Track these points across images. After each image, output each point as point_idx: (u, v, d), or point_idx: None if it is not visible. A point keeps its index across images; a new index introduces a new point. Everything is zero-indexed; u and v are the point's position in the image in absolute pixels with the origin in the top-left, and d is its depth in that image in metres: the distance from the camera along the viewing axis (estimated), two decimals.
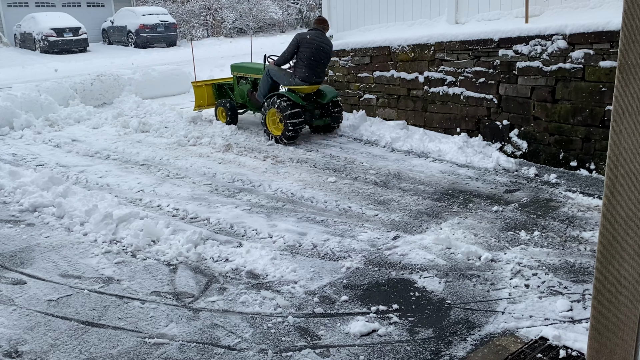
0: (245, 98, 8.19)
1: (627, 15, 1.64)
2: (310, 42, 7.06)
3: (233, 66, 8.40)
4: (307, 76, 7.16)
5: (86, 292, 3.60)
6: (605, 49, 5.56)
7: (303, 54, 7.08)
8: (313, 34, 7.17)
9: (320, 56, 7.15)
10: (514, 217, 4.75)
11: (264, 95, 7.55)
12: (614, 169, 1.75)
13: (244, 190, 5.61)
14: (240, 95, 8.27)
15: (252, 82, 8.11)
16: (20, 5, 25.55)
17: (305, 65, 7.10)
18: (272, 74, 7.43)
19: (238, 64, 8.39)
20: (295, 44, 7.11)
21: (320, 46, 7.11)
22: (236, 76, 8.37)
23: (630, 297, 1.81)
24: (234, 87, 8.45)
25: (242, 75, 8.23)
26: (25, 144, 7.77)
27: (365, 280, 3.71)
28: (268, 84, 7.51)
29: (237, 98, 8.36)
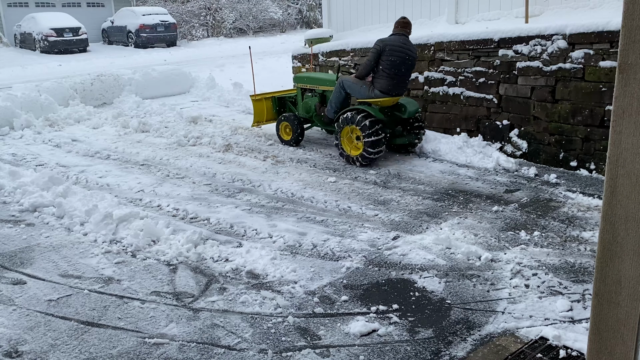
0: (311, 112, 7.25)
1: (627, 15, 1.64)
2: (395, 50, 6.08)
3: (297, 77, 7.46)
4: (389, 87, 6.16)
5: (86, 292, 3.60)
6: (605, 49, 5.56)
7: (385, 62, 6.09)
8: (397, 39, 6.15)
9: (405, 65, 6.16)
10: (514, 217, 4.75)
11: (335, 109, 6.66)
12: (614, 169, 1.75)
13: (244, 190, 5.61)
14: (305, 109, 7.30)
15: (320, 94, 7.15)
16: (20, 5, 25.55)
17: (387, 75, 6.11)
18: (347, 86, 6.48)
19: (303, 75, 7.43)
20: (377, 52, 6.14)
21: (406, 54, 6.13)
22: (300, 88, 7.42)
23: (630, 297, 1.81)
24: (298, 100, 7.51)
25: (308, 87, 7.29)
26: (25, 144, 7.77)
27: (365, 280, 3.71)
28: (341, 97, 6.60)
29: (301, 112, 7.38)
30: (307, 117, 7.31)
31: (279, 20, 30.78)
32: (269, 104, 7.71)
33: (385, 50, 6.08)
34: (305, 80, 7.30)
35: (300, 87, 7.41)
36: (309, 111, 7.26)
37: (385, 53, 6.09)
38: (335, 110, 6.66)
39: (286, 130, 7.30)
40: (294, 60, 10.05)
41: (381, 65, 6.13)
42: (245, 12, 29.08)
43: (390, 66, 6.09)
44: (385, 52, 6.09)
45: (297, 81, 7.44)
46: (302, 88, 7.41)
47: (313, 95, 7.26)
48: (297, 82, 7.44)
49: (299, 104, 7.44)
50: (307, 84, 7.27)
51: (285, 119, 7.25)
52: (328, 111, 6.76)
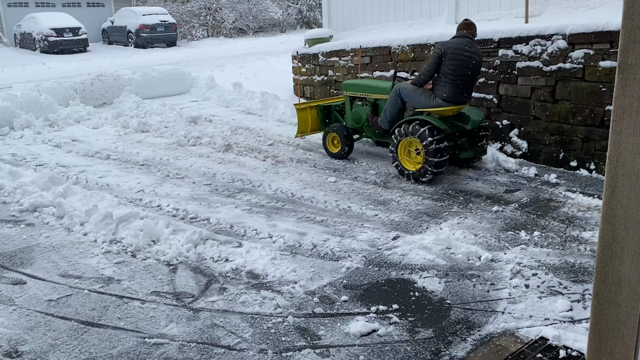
0: (361, 123, 6.62)
1: (627, 15, 1.64)
2: (458, 53, 5.44)
3: (347, 84, 6.76)
4: (452, 95, 5.52)
5: (86, 292, 3.60)
6: (605, 49, 5.56)
7: (449, 67, 5.47)
8: (461, 42, 5.52)
9: (470, 70, 5.52)
10: (514, 217, 4.75)
11: (390, 119, 6.06)
12: (614, 169, 1.75)
13: (244, 190, 5.61)
14: (355, 119, 6.67)
15: (372, 103, 6.50)
16: (20, 5, 25.55)
17: (450, 81, 5.48)
18: (404, 94, 5.86)
19: (354, 82, 6.75)
20: (438, 56, 5.51)
21: (471, 57, 5.49)
22: (350, 96, 6.76)
23: (630, 297, 1.81)
24: (346, 109, 6.87)
25: (358, 95, 6.63)
26: (25, 144, 7.77)
27: (365, 280, 3.71)
28: (397, 107, 5.99)
29: (350, 122, 6.78)
30: (357, 127, 6.72)
31: (279, 20, 30.77)
32: (314, 113, 7.15)
33: (448, 53, 5.46)
34: (356, 88, 6.64)
35: (349, 95, 6.75)
36: (359, 121, 6.64)
37: (448, 57, 5.46)
38: (389, 121, 6.06)
39: (334, 142, 6.72)
40: (294, 60, 10.05)
41: (443, 70, 5.52)
42: (245, 12, 29.07)
43: (453, 71, 5.46)
44: (448, 55, 5.46)
45: (347, 89, 6.75)
46: (352, 96, 6.75)
47: (364, 104, 6.63)
48: (346, 90, 6.75)
49: (348, 114, 6.84)
50: (358, 92, 6.61)
51: (333, 129, 6.67)
52: (382, 121, 6.14)
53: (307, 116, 7.10)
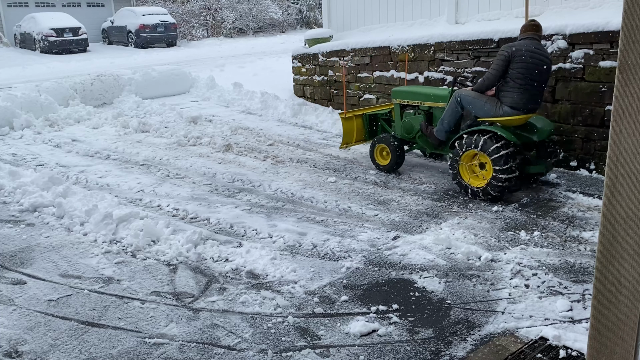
0: (413, 133, 6.03)
1: (627, 15, 1.64)
2: (527, 56, 4.97)
3: (398, 91, 6.19)
4: (521, 102, 5.03)
5: (86, 292, 3.60)
6: (605, 49, 5.56)
7: (517, 72, 4.98)
8: (528, 44, 5.03)
9: (540, 75, 5.04)
10: (514, 217, 4.75)
11: (448, 130, 5.55)
12: (614, 169, 1.75)
13: (244, 190, 5.61)
14: (406, 129, 6.09)
15: (426, 111, 5.96)
16: (20, 5, 25.55)
17: (519, 87, 5.00)
18: (466, 102, 5.32)
19: (405, 89, 6.17)
20: (505, 60, 5.03)
21: (541, 60, 5.02)
22: (400, 104, 6.19)
23: (630, 297, 1.81)
24: (395, 118, 6.30)
25: (410, 102, 6.06)
26: (25, 144, 7.77)
27: (365, 280, 3.71)
28: (457, 116, 5.48)
29: (400, 132, 6.20)
30: (408, 138, 6.14)
31: (279, 20, 30.77)
32: (359, 123, 6.63)
33: (516, 57, 4.98)
34: (408, 95, 6.07)
35: (399, 103, 6.18)
36: (411, 131, 6.05)
37: (516, 60, 4.99)
38: (447, 131, 5.55)
39: (382, 154, 6.20)
40: (294, 60, 10.05)
41: (510, 75, 5.03)
42: (245, 12, 29.07)
43: (522, 76, 4.97)
44: (516, 59, 4.98)
45: (397, 96, 6.18)
46: (402, 104, 6.19)
47: (416, 112, 6.04)
48: (396, 97, 6.19)
49: (397, 123, 6.26)
50: (410, 100, 6.05)
51: (382, 140, 6.14)
52: (438, 132, 5.61)
53: (352, 126, 6.57)
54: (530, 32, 5.16)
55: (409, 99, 6.07)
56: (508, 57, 5.02)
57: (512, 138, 4.99)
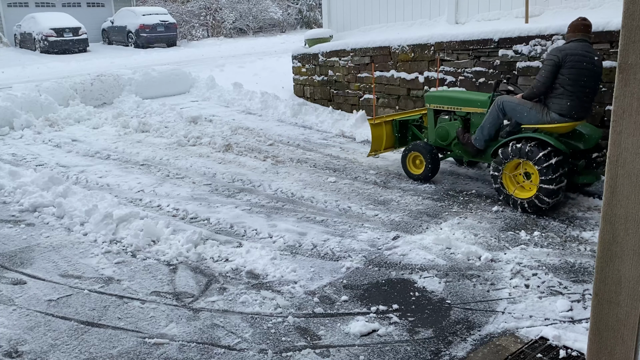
0: (448, 140, 5.71)
1: (627, 15, 1.64)
2: (579, 60, 4.66)
3: (432, 96, 5.86)
4: (571, 109, 4.71)
5: (86, 292, 3.60)
6: (605, 49, 5.56)
7: (567, 77, 4.67)
8: (579, 47, 4.72)
9: (591, 80, 4.74)
10: (514, 217, 4.75)
11: (488, 137, 5.24)
12: (614, 169, 1.75)
13: (244, 190, 5.61)
14: (441, 135, 5.76)
15: (463, 117, 5.63)
16: (20, 5, 25.54)
17: (569, 93, 4.69)
18: (510, 109, 5.00)
19: (440, 93, 5.86)
20: (554, 64, 4.69)
21: (593, 65, 4.72)
22: (434, 109, 5.88)
23: (630, 297, 1.81)
24: (429, 124, 5.97)
25: (445, 108, 5.73)
26: (25, 144, 7.77)
27: (365, 280, 3.71)
28: (498, 123, 5.18)
29: (433, 139, 5.89)
30: (442, 145, 5.81)
31: (279, 20, 30.77)
32: (389, 129, 6.27)
33: (566, 62, 4.66)
34: (443, 100, 5.74)
35: (433, 108, 5.86)
36: (445, 138, 5.73)
37: (566, 65, 4.67)
38: (487, 139, 5.25)
39: (415, 163, 5.84)
40: (294, 60, 10.05)
41: (560, 81, 4.72)
42: (245, 12, 29.07)
43: (573, 82, 4.67)
44: (566, 64, 4.67)
45: (431, 101, 5.86)
46: (436, 109, 5.87)
47: (452, 118, 5.72)
48: (430, 102, 5.86)
49: (431, 129, 5.93)
50: (445, 105, 5.72)
51: (415, 148, 5.77)
52: (477, 139, 5.30)
53: (382, 132, 6.20)
54: (580, 33, 4.81)
55: (444, 104, 5.74)
56: (558, 62, 4.69)
57: (560, 146, 4.67)
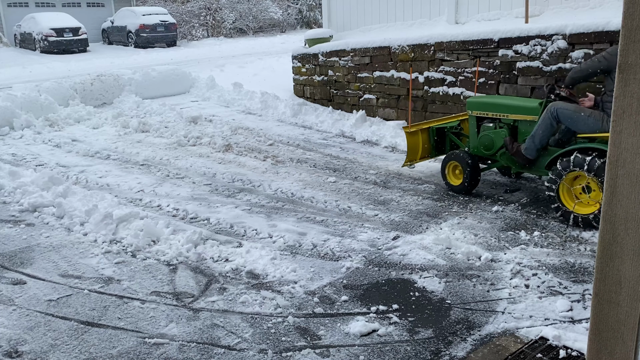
0: (493, 149, 5.28)
1: (627, 15, 1.64)
2: None
3: (475, 102, 5.44)
4: None
5: (86, 292, 3.60)
6: (605, 49, 5.56)
7: None
8: None
9: None
10: (514, 217, 4.75)
11: (539, 147, 4.83)
12: (614, 169, 1.75)
13: (244, 190, 5.61)
14: (484, 144, 5.32)
15: (510, 125, 5.19)
16: (20, 5, 25.54)
17: None
18: (564, 116, 4.60)
19: (485, 99, 5.48)
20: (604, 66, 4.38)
21: None
22: (476, 116, 5.43)
23: (630, 297, 1.81)
24: (470, 132, 5.54)
25: (490, 115, 5.30)
26: (25, 144, 7.77)
27: (365, 280, 3.71)
28: (551, 131, 4.77)
29: (475, 148, 5.45)
30: (486, 155, 5.38)
31: (279, 20, 30.76)
32: (425, 137, 5.83)
33: None
34: (487, 107, 5.31)
35: (475, 115, 5.43)
36: (490, 147, 5.29)
37: None
38: (539, 148, 4.84)
39: (455, 173, 5.46)
40: (294, 60, 10.05)
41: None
42: (245, 12, 29.06)
43: None
44: None
45: (473, 107, 5.43)
46: (479, 116, 5.42)
47: (497, 126, 5.28)
48: (473, 109, 5.43)
49: (473, 138, 5.51)
50: (490, 112, 5.28)
51: (455, 157, 5.38)
52: (528, 149, 4.88)
53: (417, 140, 5.77)
54: None
55: (489, 110, 5.31)
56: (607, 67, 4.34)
57: None
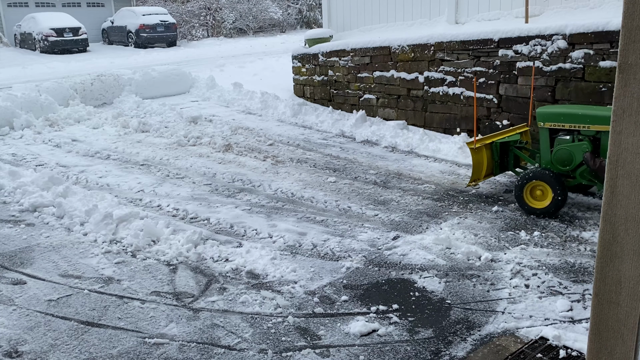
0: (572, 165, 4.77)
1: (627, 15, 1.64)
2: None
3: (547, 113, 4.91)
4: None
5: (86, 292, 3.60)
6: (605, 49, 5.56)
7: None
8: None
9: None
10: (514, 217, 4.75)
11: None
12: (614, 169, 1.75)
13: (244, 190, 5.61)
14: (561, 160, 4.80)
15: (591, 138, 4.69)
16: (20, 5, 25.53)
17: None
18: None
19: (559, 109, 4.94)
20: None
21: None
22: (549, 128, 4.91)
23: (630, 297, 1.81)
24: (542, 146, 5.00)
25: (567, 126, 4.78)
26: (25, 144, 7.77)
27: (365, 280, 3.71)
28: None
29: (549, 164, 4.93)
30: (562, 171, 4.84)
31: (279, 20, 30.75)
32: (488, 153, 5.27)
33: None
34: (564, 118, 4.79)
35: (548, 127, 4.89)
36: (568, 163, 4.79)
37: None
38: None
39: (535, 194, 4.82)
40: (294, 60, 10.05)
41: None
42: (245, 12, 29.06)
43: None
44: None
45: (546, 119, 4.90)
46: (553, 128, 4.89)
47: (575, 138, 4.77)
48: (545, 120, 4.90)
49: (545, 152, 4.99)
50: (567, 123, 4.77)
51: (537, 175, 4.76)
52: None
53: (482, 157, 5.22)
54: None
55: (565, 122, 4.79)
56: None
57: None
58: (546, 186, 4.74)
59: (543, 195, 4.78)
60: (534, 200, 4.85)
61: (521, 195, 4.87)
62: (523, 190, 4.85)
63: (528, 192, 4.87)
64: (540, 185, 4.79)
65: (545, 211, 4.74)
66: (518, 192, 4.88)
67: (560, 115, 4.83)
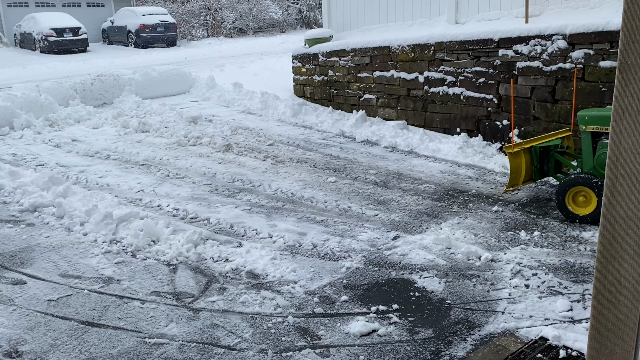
0: None
1: (627, 15, 1.64)
2: None
3: (588, 116, 4.70)
4: None
5: (86, 292, 3.60)
6: (605, 49, 5.56)
7: None
8: None
9: None
10: (514, 217, 4.75)
11: None
12: (614, 169, 1.75)
13: (244, 190, 5.61)
14: (603, 164, 4.45)
15: None
16: (20, 5, 25.53)
17: None
18: None
19: (602, 112, 4.72)
20: None
21: None
22: (591, 131, 4.71)
23: (630, 297, 1.81)
24: (584, 150, 4.80)
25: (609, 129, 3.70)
26: (25, 144, 7.77)
27: (365, 280, 3.71)
28: None
29: (592, 169, 4.75)
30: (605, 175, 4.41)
31: (279, 20, 30.75)
32: (527, 158, 5.12)
33: None
34: (606, 121, 4.58)
35: (590, 130, 4.70)
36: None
37: None
38: None
39: (578, 200, 4.66)
40: (294, 60, 10.05)
41: None
42: (245, 12, 29.05)
43: None
44: None
45: (587, 122, 4.70)
46: (595, 132, 4.70)
47: None
48: (587, 124, 4.70)
49: (586, 157, 4.79)
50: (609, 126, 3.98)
51: (583, 181, 4.58)
52: None
53: (521, 162, 5.07)
54: None
55: (608, 124, 4.51)
56: None
57: None
58: (590, 192, 4.57)
59: (586, 201, 4.63)
60: (577, 206, 4.69)
61: (563, 201, 4.71)
62: (565, 196, 4.69)
63: (570, 198, 4.70)
64: (583, 191, 4.63)
65: (591, 218, 4.58)
66: (560, 199, 4.72)
67: (604, 119, 4.63)
